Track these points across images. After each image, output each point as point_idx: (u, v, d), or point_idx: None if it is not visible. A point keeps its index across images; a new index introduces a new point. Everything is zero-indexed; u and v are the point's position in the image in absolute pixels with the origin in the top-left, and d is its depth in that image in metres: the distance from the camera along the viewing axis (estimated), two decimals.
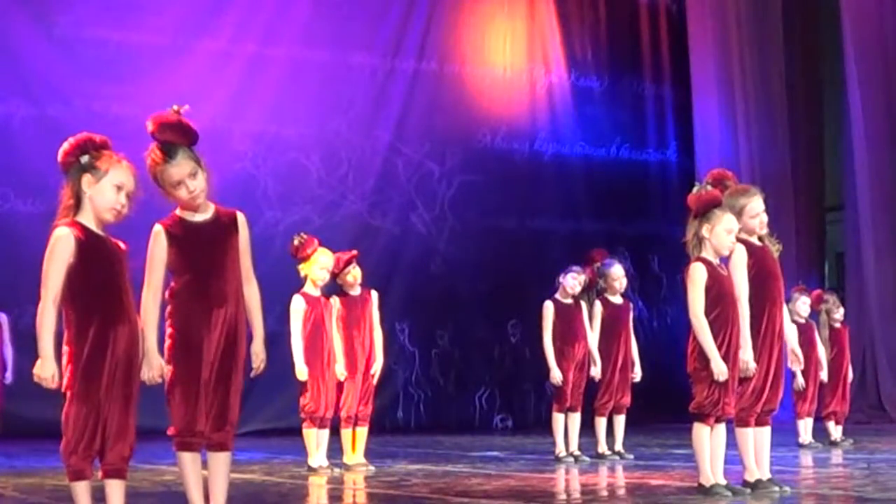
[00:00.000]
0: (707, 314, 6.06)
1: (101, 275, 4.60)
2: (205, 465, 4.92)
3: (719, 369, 5.98)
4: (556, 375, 9.17)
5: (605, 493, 6.94)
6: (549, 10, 17.21)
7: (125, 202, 4.66)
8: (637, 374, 9.58)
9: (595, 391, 9.55)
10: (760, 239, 6.41)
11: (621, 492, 6.98)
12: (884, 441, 11.02)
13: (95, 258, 4.59)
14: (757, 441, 6.28)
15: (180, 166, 4.77)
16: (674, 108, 17.98)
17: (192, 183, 4.78)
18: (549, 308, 9.30)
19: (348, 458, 8.67)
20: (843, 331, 11.16)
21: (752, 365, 6.12)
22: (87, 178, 4.63)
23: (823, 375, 10.73)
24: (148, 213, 4.89)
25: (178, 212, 4.89)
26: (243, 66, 15.07)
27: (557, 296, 9.36)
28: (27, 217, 13.45)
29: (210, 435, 4.82)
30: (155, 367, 4.70)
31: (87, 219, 4.64)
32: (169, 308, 4.83)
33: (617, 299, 9.61)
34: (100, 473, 4.65)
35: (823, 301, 11.03)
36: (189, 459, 4.85)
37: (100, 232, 4.66)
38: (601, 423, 9.47)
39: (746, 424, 6.25)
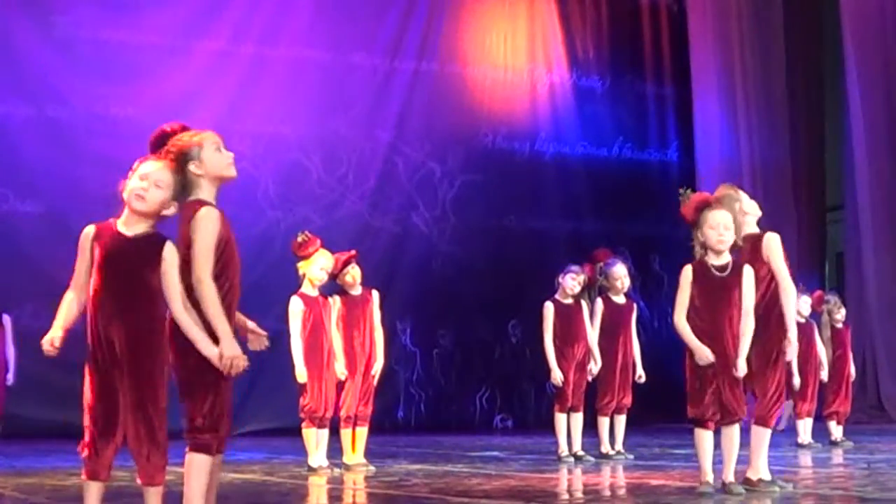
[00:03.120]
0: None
1: (232, 258, 4.57)
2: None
3: (701, 354, 6.01)
4: (556, 376, 9.17)
5: (605, 493, 6.94)
6: (551, 10, 17.22)
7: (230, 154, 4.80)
8: (641, 376, 9.57)
9: (596, 391, 9.55)
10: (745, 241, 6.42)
11: (621, 492, 6.98)
12: (884, 441, 11.02)
13: (228, 240, 4.57)
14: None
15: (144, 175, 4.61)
16: (675, 107, 17.98)
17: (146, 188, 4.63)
18: (549, 309, 9.29)
19: (348, 458, 8.66)
20: (845, 331, 11.17)
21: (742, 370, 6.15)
22: (194, 165, 4.62)
23: (824, 375, 10.74)
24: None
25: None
26: (243, 67, 15.07)
27: (557, 296, 9.35)
28: (26, 217, 13.46)
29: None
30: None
31: (208, 198, 4.61)
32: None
33: (620, 299, 9.59)
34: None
35: (825, 301, 11.04)
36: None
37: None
38: (604, 423, 9.47)
39: (767, 425, 6.29)
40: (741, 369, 6.09)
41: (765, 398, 6.25)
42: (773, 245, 6.31)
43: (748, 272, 6.17)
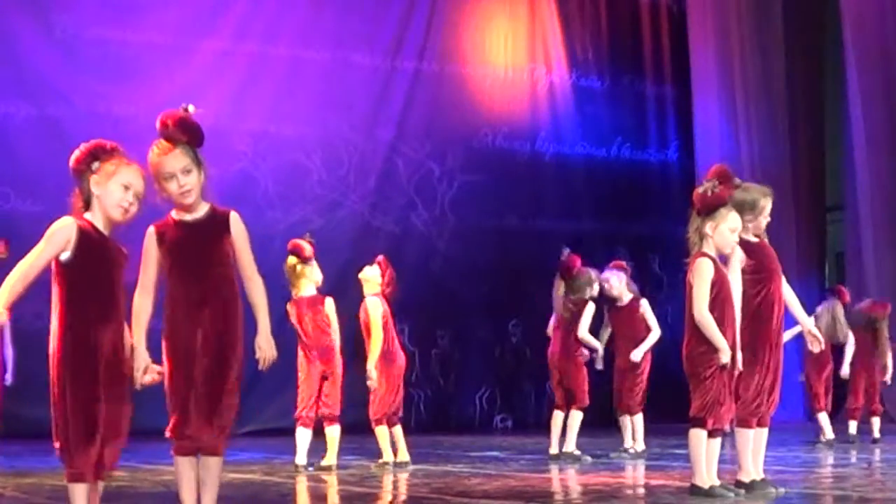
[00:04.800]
0: (712, 313, 6.03)
1: (96, 273, 4.62)
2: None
3: (728, 357, 5.95)
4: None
5: (604, 493, 6.93)
6: (551, 10, 17.21)
7: (133, 200, 4.70)
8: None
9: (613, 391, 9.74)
10: (757, 236, 6.43)
11: (622, 492, 6.98)
12: (884, 441, 11.04)
13: (93, 254, 4.62)
14: (756, 441, 6.27)
15: (176, 159, 4.81)
16: (675, 107, 17.97)
17: (183, 178, 4.81)
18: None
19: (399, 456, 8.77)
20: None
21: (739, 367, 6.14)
22: (94, 178, 4.70)
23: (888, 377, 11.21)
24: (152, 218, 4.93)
25: (172, 213, 4.93)
26: (244, 66, 15.06)
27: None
28: (27, 217, 13.41)
29: (200, 438, 4.81)
30: (140, 367, 4.70)
31: (95, 218, 4.69)
32: (164, 309, 4.85)
33: (626, 297, 9.75)
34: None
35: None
36: (183, 463, 4.86)
37: (105, 232, 4.69)
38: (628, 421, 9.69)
39: (748, 426, 6.23)
40: (739, 362, 6.09)
41: (746, 399, 6.23)
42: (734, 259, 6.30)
43: (736, 253, 6.20)
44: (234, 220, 4.94)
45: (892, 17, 15.62)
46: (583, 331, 9.30)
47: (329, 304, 8.66)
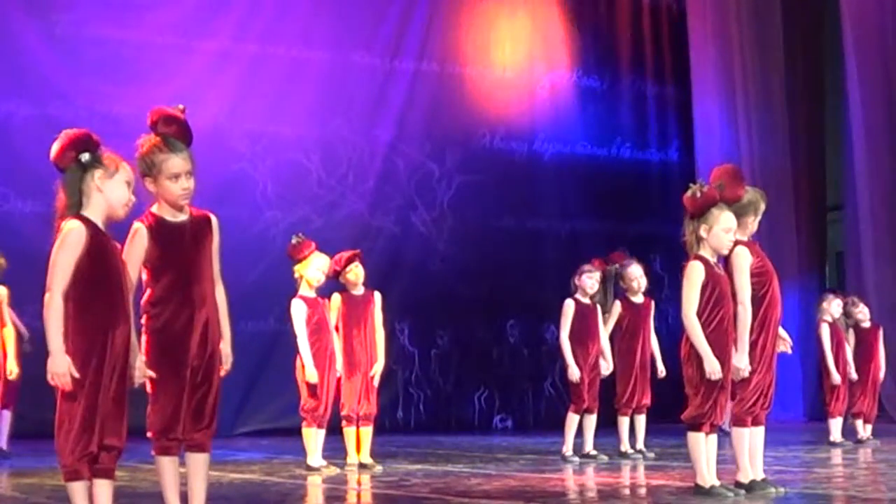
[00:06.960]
0: (707, 314, 6.04)
1: (106, 272, 4.56)
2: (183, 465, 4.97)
3: (712, 367, 5.96)
4: (574, 373, 9.18)
5: (604, 493, 6.94)
6: (550, 10, 17.21)
7: (133, 198, 4.68)
8: (662, 371, 9.65)
9: (614, 391, 9.64)
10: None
11: (622, 492, 6.98)
12: (884, 441, 11.04)
13: (102, 255, 4.56)
14: (752, 441, 6.27)
15: (186, 160, 4.82)
16: (675, 107, 17.97)
17: (187, 181, 4.81)
18: (569, 306, 9.30)
19: (352, 457, 8.67)
20: (871, 330, 11.50)
21: (747, 371, 6.11)
22: (99, 173, 4.61)
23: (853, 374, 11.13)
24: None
25: (155, 210, 4.89)
26: (244, 66, 15.06)
27: (577, 296, 9.38)
28: (27, 217, 13.44)
29: (192, 437, 4.84)
30: (138, 367, 4.69)
31: (93, 215, 4.61)
32: (149, 309, 4.83)
33: (638, 298, 9.73)
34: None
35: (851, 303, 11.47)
36: (167, 463, 4.89)
37: (104, 230, 4.65)
38: (623, 423, 9.55)
39: (744, 424, 6.24)
40: (744, 366, 6.07)
41: (744, 398, 6.22)
42: (739, 261, 6.26)
43: (741, 254, 6.16)
44: (216, 224, 4.98)
45: (892, 17, 15.61)
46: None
47: (334, 300, 8.67)
